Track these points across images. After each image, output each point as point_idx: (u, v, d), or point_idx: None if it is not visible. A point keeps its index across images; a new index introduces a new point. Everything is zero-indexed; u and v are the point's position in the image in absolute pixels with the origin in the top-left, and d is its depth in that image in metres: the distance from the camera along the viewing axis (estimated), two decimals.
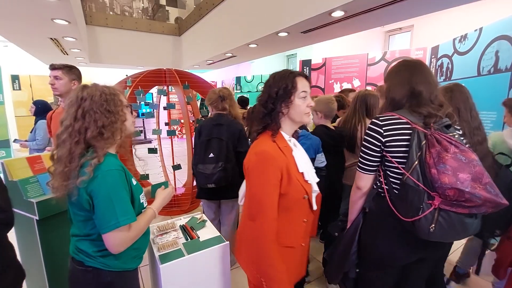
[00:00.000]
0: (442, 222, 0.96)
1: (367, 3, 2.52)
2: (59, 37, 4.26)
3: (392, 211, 1.06)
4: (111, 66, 7.10)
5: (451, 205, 0.95)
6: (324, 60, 4.82)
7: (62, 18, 3.38)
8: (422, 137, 1.01)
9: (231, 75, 8.29)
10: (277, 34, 3.59)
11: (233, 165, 2.04)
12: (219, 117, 2.13)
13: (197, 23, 5.71)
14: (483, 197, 0.90)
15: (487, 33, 2.64)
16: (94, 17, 5.81)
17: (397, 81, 1.15)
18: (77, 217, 0.98)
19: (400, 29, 5.50)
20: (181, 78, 3.24)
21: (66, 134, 0.94)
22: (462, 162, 0.94)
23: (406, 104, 1.12)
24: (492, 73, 2.53)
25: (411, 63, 1.17)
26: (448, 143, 0.98)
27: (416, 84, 1.10)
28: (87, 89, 0.99)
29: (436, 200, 0.96)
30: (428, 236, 0.98)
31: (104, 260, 0.98)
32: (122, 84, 3.34)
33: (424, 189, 0.97)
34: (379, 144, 1.10)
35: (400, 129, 1.07)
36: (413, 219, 0.98)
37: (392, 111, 1.13)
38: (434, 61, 3.58)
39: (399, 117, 1.08)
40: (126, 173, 1.00)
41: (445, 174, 0.93)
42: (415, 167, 0.99)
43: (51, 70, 1.86)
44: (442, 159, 0.95)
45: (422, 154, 0.99)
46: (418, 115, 1.08)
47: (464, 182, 0.91)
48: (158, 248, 1.26)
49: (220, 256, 1.30)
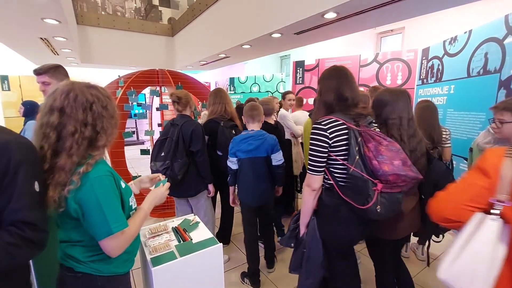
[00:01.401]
0: (385, 202, 1.16)
1: (359, 5, 2.54)
2: (49, 37, 4.19)
3: (343, 201, 1.23)
4: (103, 66, 7.02)
5: (390, 188, 1.17)
6: (317, 61, 4.85)
7: (52, 18, 3.32)
8: (357, 135, 1.20)
9: (225, 76, 8.28)
10: (271, 35, 3.60)
11: (182, 164, 2.11)
12: (178, 117, 2.23)
13: (190, 24, 5.69)
14: (411, 176, 1.16)
15: (477, 35, 2.69)
16: (85, 17, 5.73)
17: (327, 86, 1.32)
18: (66, 224, 0.95)
19: (391, 31, 5.57)
20: (174, 79, 3.23)
21: (71, 143, 0.86)
22: (393, 151, 1.17)
23: (336, 107, 1.29)
24: (481, 74, 2.58)
25: (339, 71, 1.34)
26: (380, 138, 1.20)
27: (343, 90, 1.28)
28: (91, 91, 0.92)
29: (378, 186, 1.16)
30: (377, 216, 1.17)
31: (95, 265, 0.96)
32: (114, 84, 3.30)
33: (368, 178, 1.15)
34: (327, 146, 1.24)
35: (339, 129, 1.23)
36: (366, 206, 1.15)
37: (326, 114, 1.30)
38: (425, 62, 3.63)
39: (336, 119, 1.25)
40: (115, 177, 0.97)
41: (385, 164, 1.14)
42: (357, 161, 1.17)
43: (37, 76, 1.74)
44: (380, 152, 1.16)
45: (360, 149, 1.18)
46: (348, 116, 1.26)
47: (399, 167, 1.14)
48: (150, 251, 1.24)
49: (213, 258, 1.29)
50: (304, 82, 4.98)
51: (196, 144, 2.14)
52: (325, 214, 1.32)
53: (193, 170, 2.19)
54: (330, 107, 1.30)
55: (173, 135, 2.14)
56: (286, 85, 6.94)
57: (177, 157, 2.11)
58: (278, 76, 6.90)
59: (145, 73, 3.30)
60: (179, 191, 2.23)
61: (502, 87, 2.31)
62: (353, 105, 1.28)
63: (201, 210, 2.31)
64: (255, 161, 2.03)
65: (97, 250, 0.95)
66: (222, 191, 2.63)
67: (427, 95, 3.50)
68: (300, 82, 5.01)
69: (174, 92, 2.26)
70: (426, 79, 3.58)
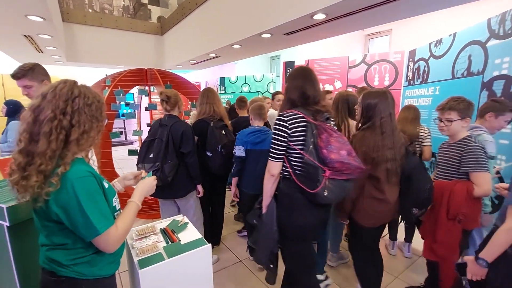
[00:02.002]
0: (332, 187, 1.32)
1: (348, 7, 2.57)
2: (33, 34, 4.06)
3: (298, 188, 1.38)
4: (89, 65, 6.87)
5: (337, 174, 1.33)
6: (307, 62, 4.89)
7: (36, 15, 3.22)
8: (314, 127, 1.37)
9: (215, 75, 8.24)
10: (261, 35, 3.60)
11: (173, 165, 2.08)
12: (166, 118, 2.19)
13: (180, 23, 5.63)
14: (354, 165, 1.33)
15: (461, 38, 2.77)
16: (71, 14, 5.59)
17: (293, 85, 1.48)
18: (47, 228, 0.92)
19: (379, 32, 5.67)
20: (163, 78, 3.19)
21: (48, 127, 0.84)
22: (341, 143, 1.34)
23: (299, 103, 1.45)
24: (465, 76, 2.66)
25: (304, 72, 1.51)
26: (331, 131, 1.37)
27: (306, 89, 1.44)
28: (79, 87, 0.93)
29: (327, 172, 1.32)
30: (324, 200, 1.33)
31: (78, 268, 0.93)
32: (101, 83, 3.23)
33: (319, 165, 1.31)
34: (286, 135, 1.39)
35: (299, 122, 1.39)
36: (315, 191, 1.31)
37: (290, 108, 1.45)
38: (412, 64, 3.71)
39: (297, 112, 1.41)
40: (96, 177, 0.94)
41: (332, 152, 1.31)
42: (311, 150, 1.33)
43: (16, 81, 1.67)
44: (329, 142, 1.33)
45: (315, 140, 1.34)
46: (308, 111, 1.42)
47: (344, 156, 1.31)
48: (137, 252, 1.22)
49: (201, 259, 1.28)
50: None
51: (186, 145, 2.12)
52: (283, 202, 1.48)
53: (182, 171, 2.17)
54: (294, 103, 1.46)
55: (162, 136, 2.10)
56: (276, 85, 6.96)
57: (168, 158, 2.08)
58: (268, 76, 6.91)
59: (133, 72, 3.25)
60: (168, 193, 2.20)
61: (484, 88, 2.38)
62: (313, 102, 1.45)
63: (190, 211, 2.29)
64: (263, 153, 2.08)
65: (81, 253, 0.93)
66: (212, 191, 2.61)
67: (414, 96, 3.58)
68: None
69: (163, 91, 2.23)
70: (413, 80, 3.66)
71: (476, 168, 1.56)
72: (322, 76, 4.76)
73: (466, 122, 1.65)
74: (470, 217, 1.63)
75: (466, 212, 1.60)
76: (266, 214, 1.51)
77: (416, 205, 1.70)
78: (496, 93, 2.24)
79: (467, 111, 1.64)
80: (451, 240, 1.66)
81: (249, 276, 2.33)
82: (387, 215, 1.68)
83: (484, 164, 1.56)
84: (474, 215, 1.65)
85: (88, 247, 0.94)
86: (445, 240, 1.66)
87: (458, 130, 1.67)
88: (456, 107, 1.63)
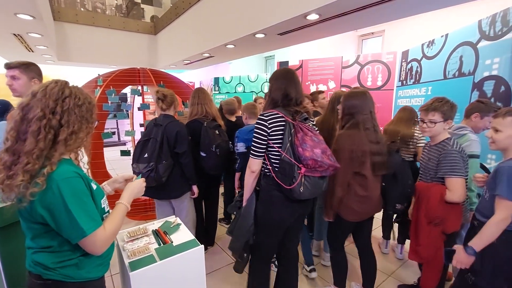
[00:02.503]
0: (307, 184, 1.40)
1: (341, 8, 2.58)
2: (23, 33, 3.99)
3: (277, 185, 1.45)
4: (81, 64, 6.77)
5: (311, 172, 1.40)
6: (301, 62, 4.90)
7: (26, 13, 3.16)
8: (292, 127, 1.44)
9: (209, 75, 8.20)
10: (254, 35, 3.60)
11: (167, 165, 2.07)
12: (161, 117, 2.17)
13: (174, 22, 5.59)
14: (328, 163, 1.39)
15: (452, 39, 2.80)
16: (62, 13, 5.51)
17: (277, 86, 1.54)
18: (32, 230, 0.89)
19: (372, 33, 5.71)
20: (156, 78, 3.16)
21: (37, 126, 0.82)
22: (315, 142, 1.41)
23: (281, 103, 1.52)
24: (457, 76, 2.69)
25: (288, 74, 1.57)
26: (307, 130, 1.44)
27: (289, 91, 1.50)
28: (71, 87, 0.92)
29: (302, 170, 1.39)
30: (300, 196, 1.40)
31: (65, 271, 0.91)
32: (92, 83, 3.19)
33: (294, 163, 1.39)
34: (266, 134, 1.46)
35: (278, 121, 1.46)
36: (291, 187, 1.38)
37: (272, 108, 1.53)
38: (404, 64, 3.74)
39: (277, 112, 1.47)
40: (84, 177, 0.92)
41: (307, 150, 1.37)
42: (288, 148, 1.40)
43: (7, 70, 1.68)
44: (304, 141, 1.39)
45: (292, 138, 1.41)
46: (288, 111, 1.49)
47: (317, 154, 1.37)
48: (128, 255, 1.20)
49: (194, 261, 1.27)
50: None
51: (181, 145, 2.11)
52: (263, 197, 1.57)
53: (177, 171, 2.15)
54: (276, 103, 1.53)
55: (157, 136, 2.08)
56: None
57: (162, 158, 2.06)
58: (262, 77, 6.90)
59: (125, 72, 3.21)
60: (163, 193, 2.18)
61: (475, 88, 2.42)
62: (295, 103, 1.53)
63: (183, 211, 2.27)
64: None
65: (67, 255, 0.91)
66: (207, 192, 2.59)
67: (406, 96, 3.61)
68: None
69: (160, 90, 2.20)
70: (406, 81, 3.70)
71: (450, 173, 1.54)
72: (316, 76, 4.78)
73: (448, 124, 1.63)
74: (448, 221, 1.60)
75: (441, 215, 1.58)
76: (246, 207, 1.60)
77: (400, 201, 1.82)
78: (487, 94, 2.27)
79: (450, 113, 1.62)
80: (431, 243, 1.63)
81: (243, 277, 2.32)
82: (368, 211, 1.79)
83: (458, 169, 1.53)
84: (452, 219, 1.61)
85: (75, 250, 0.92)
86: (426, 243, 1.64)
87: (440, 132, 1.65)
88: (440, 108, 1.60)
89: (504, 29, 2.14)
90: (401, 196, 1.80)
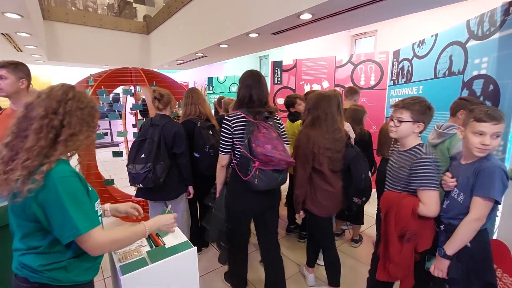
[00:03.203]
0: (261, 176, 1.57)
1: (333, 7, 2.59)
2: (11, 32, 3.91)
3: (240, 177, 1.63)
4: (72, 64, 6.67)
5: (264, 165, 1.57)
6: (294, 62, 4.90)
7: (13, 12, 3.10)
8: (252, 125, 1.61)
9: (203, 75, 8.16)
10: (248, 34, 3.59)
11: (165, 166, 2.05)
12: (157, 117, 2.14)
13: (166, 22, 5.55)
14: (277, 158, 1.54)
15: (442, 38, 2.84)
16: (52, 12, 5.41)
17: (243, 87, 1.71)
18: (23, 228, 0.88)
19: (365, 33, 5.76)
20: (148, 78, 3.12)
21: (39, 124, 0.85)
22: (268, 138, 1.57)
23: (245, 104, 1.69)
24: (447, 75, 2.72)
25: (254, 76, 1.72)
26: (262, 128, 1.60)
27: (253, 92, 1.68)
28: (75, 91, 0.95)
29: (256, 163, 1.56)
30: (256, 187, 1.58)
31: (52, 274, 0.90)
32: (84, 83, 3.14)
33: (250, 157, 1.57)
34: (230, 133, 1.66)
35: (240, 121, 1.65)
36: (247, 178, 1.58)
37: (238, 107, 1.71)
38: (396, 64, 3.78)
39: (240, 113, 1.66)
40: (81, 178, 0.93)
41: (258, 146, 1.54)
42: (246, 144, 1.59)
43: None
44: (257, 137, 1.56)
45: (250, 136, 1.58)
46: (250, 111, 1.66)
47: (268, 150, 1.53)
48: (119, 258, 1.18)
49: (187, 263, 1.25)
50: (282, 82, 5.02)
51: (179, 146, 2.09)
52: (229, 187, 1.79)
53: (174, 172, 2.13)
54: (242, 103, 1.71)
55: (154, 136, 2.05)
56: None
57: (160, 159, 2.03)
58: None
59: (117, 72, 3.17)
60: (159, 195, 2.16)
61: (465, 87, 2.45)
62: (258, 104, 1.69)
63: (179, 213, 2.26)
64: None
65: (56, 257, 0.90)
66: (202, 192, 2.57)
67: (398, 95, 3.64)
68: (278, 82, 5.04)
69: (156, 89, 2.18)
70: (397, 80, 3.73)
71: (424, 185, 1.35)
72: (310, 76, 4.79)
73: (418, 128, 1.44)
74: (421, 238, 1.41)
75: (415, 230, 1.38)
76: (218, 198, 1.83)
77: (356, 194, 1.89)
78: (476, 92, 2.30)
79: (422, 116, 1.42)
80: (403, 260, 1.43)
81: None
82: (336, 205, 1.91)
83: (432, 181, 1.34)
84: (425, 235, 1.41)
85: (65, 251, 0.91)
86: (398, 260, 1.43)
87: (407, 134, 1.46)
88: (410, 107, 1.42)
89: (492, 28, 2.18)
90: (357, 189, 1.86)
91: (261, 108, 1.69)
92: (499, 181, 1.20)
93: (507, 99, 2.04)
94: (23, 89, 1.80)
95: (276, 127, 1.72)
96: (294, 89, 4.91)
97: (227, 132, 1.66)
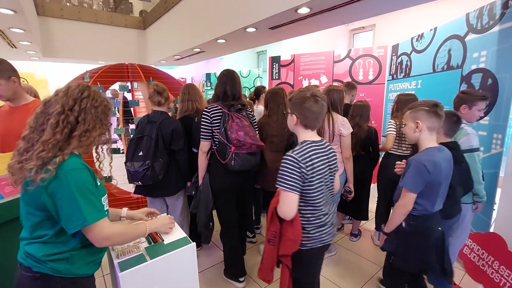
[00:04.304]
0: (237, 159, 1.85)
1: (331, 1, 2.57)
2: (4, 28, 3.86)
3: (219, 160, 1.90)
4: (68, 61, 6.61)
5: (239, 149, 1.85)
6: (292, 57, 4.87)
7: (6, 7, 3.05)
8: (226, 116, 1.87)
9: (201, 71, 8.11)
10: (245, 29, 3.56)
11: (164, 163, 2.04)
12: (154, 114, 2.12)
13: (163, 17, 5.49)
14: (249, 142, 1.83)
15: (441, 32, 2.82)
16: (46, 8, 5.35)
17: (219, 83, 1.95)
18: (32, 217, 0.91)
19: (363, 28, 5.72)
20: (145, 74, 3.09)
21: (55, 119, 0.90)
22: (240, 126, 1.85)
23: (221, 98, 1.93)
24: (446, 70, 2.71)
25: (228, 74, 1.94)
26: (235, 118, 1.87)
27: (228, 88, 1.91)
28: (90, 90, 1.00)
29: (232, 148, 1.84)
30: (232, 168, 1.86)
31: (54, 265, 0.92)
32: (79, 79, 3.10)
33: (226, 143, 1.84)
34: (209, 122, 1.88)
35: (217, 112, 1.88)
36: (225, 161, 1.86)
37: (215, 101, 1.94)
38: (395, 58, 3.76)
39: (217, 105, 1.89)
40: (91, 171, 0.97)
41: (232, 133, 1.82)
42: (222, 132, 1.84)
43: None
44: (231, 126, 1.84)
45: (225, 125, 1.84)
46: (225, 104, 1.90)
47: (240, 136, 1.81)
48: (117, 254, 1.17)
49: (186, 259, 1.25)
50: (280, 78, 4.99)
51: (177, 142, 2.08)
52: (212, 170, 2.00)
53: (173, 168, 2.12)
54: (218, 97, 1.94)
55: (152, 133, 2.03)
56: (263, 80, 6.93)
57: (158, 156, 2.02)
58: (255, 72, 6.87)
59: (113, 68, 3.13)
60: (158, 191, 2.15)
61: (463, 81, 2.44)
62: (232, 98, 1.92)
63: (178, 209, 2.26)
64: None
65: (60, 247, 0.92)
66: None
67: (397, 89, 3.64)
68: (277, 77, 5.01)
69: (156, 83, 2.16)
70: (396, 75, 3.72)
71: (279, 184, 1.24)
72: (308, 71, 4.77)
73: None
74: (282, 240, 1.30)
75: (275, 231, 1.29)
76: (203, 183, 2.01)
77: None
78: (475, 86, 2.30)
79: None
80: (266, 264, 1.35)
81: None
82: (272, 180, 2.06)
83: (286, 180, 1.21)
84: (287, 236, 1.28)
85: (68, 242, 0.94)
86: (263, 261, 1.36)
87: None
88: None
89: (491, 22, 2.16)
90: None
91: (235, 101, 1.92)
92: (415, 173, 1.37)
93: (506, 92, 2.03)
94: (17, 86, 1.78)
95: (248, 117, 2.00)
96: (292, 84, 4.89)
97: (206, 121, 1.88)
